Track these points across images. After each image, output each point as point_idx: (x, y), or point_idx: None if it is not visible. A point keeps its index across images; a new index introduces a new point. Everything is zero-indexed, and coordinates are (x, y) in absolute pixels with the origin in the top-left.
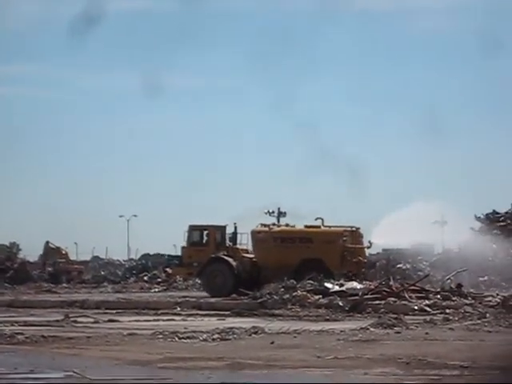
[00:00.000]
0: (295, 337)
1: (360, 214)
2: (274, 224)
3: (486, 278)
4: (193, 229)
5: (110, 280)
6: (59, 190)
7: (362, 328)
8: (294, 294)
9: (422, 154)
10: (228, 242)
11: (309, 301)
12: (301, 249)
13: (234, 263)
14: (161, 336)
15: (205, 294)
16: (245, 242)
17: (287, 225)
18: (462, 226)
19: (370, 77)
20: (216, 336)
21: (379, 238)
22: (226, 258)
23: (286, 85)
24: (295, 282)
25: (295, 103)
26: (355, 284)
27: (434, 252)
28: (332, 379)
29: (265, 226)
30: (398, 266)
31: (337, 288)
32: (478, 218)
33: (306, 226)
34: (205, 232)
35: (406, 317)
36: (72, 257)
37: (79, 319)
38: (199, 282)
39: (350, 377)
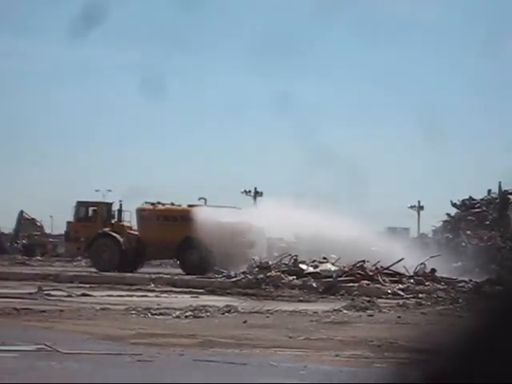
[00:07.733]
0: (268, 317)
1: None
2: (158, 202)
3: (459, 263)
4: (81, 205)
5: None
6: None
7: (334, 310)
8: (269, 274)
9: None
10: (114, 219)
11: (283, 281)
12: (183, 227)
13: (121, 239)
14: (134, 312)
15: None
16: (127, 219)
17: (172, 203)
18: (439, 212)
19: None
20: (189, 313)
21: None
22: (113, 233)
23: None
24: (270, 262)
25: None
26: (329, 266)
27: (410, 236)
28: (303, 360)
29: (150, 203)
30: (373, 249)
31: (311, 269)
32: (454, 204)
33: (189, 206)
34: (92, 208)
35: (379, 300)
36: (47, 230)
37: (52, 293)
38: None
39: (322, 358)
